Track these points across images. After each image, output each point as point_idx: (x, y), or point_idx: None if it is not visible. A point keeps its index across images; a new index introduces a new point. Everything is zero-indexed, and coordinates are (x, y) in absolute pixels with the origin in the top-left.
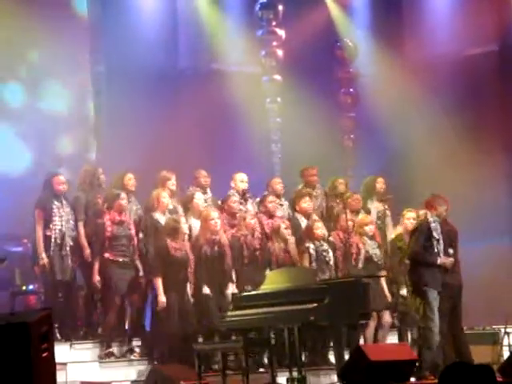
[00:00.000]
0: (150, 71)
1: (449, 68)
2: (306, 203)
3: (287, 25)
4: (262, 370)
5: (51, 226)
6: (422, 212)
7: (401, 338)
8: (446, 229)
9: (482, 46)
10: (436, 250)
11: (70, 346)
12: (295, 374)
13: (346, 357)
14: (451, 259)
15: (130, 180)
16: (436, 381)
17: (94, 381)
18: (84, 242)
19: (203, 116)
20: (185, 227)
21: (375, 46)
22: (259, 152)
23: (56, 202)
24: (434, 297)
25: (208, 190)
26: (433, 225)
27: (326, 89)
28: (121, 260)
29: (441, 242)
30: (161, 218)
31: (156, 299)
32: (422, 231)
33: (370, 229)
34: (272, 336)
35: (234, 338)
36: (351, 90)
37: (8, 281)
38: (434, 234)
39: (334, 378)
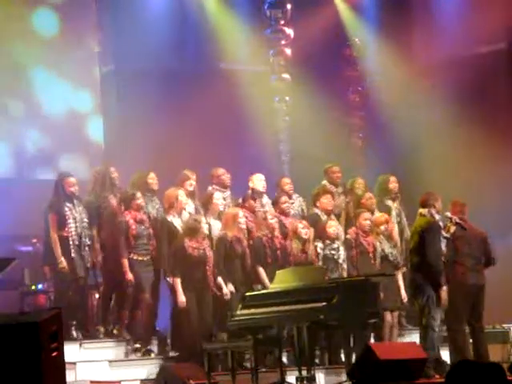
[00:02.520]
0: (159, 71)
1: (458, 66)
2: (326, 199)
3: (296, 23)
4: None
5: (67, 228)
6: (424, 211)
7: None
8: (473, 232)
9: (491, 44)
10: (443, 249)
11: (80, 345)
12: (304, 372)
13: (356, 355)
14: None
15: (153, 179)
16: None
17: (103, 380)
18: (97, 246)
19: (211, 115)
20: (205, 227)
21: (384, 45)
22: (267, 151)
23: (68, 204)
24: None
25: (228, 188)
26: (441, 223)
27: (335, 87)
28: (144, 259)
29: (444, 240)
30: (175, 220)
31: (174, 299)
32: (435, 233)
33: (385, 228)
34: (285, 335)
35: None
36: (360, 88)
37: (17, 281)
38: (443, 232)
39: (344, 376)
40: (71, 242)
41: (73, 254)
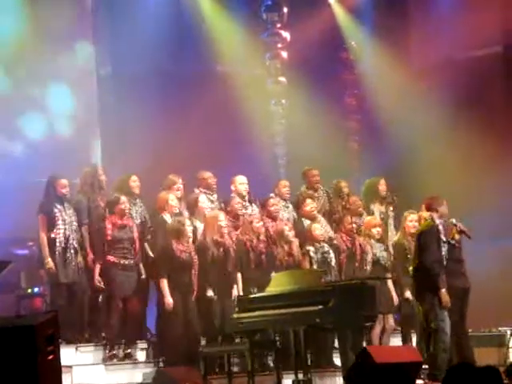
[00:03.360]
0: (156, 74)
1: (454, 69)
2: (308, 206)
3: (292, 27)
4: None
5: (55, 230)
6: (425, 214)
7: (405, 340)
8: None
9: (487, 48)
10: (443, 253)
11: (76, 348)
12: (301, 376)
13: (352, 359)
14: None
15: (135, 182)
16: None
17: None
18: (87, 246)
19: (208, 118)
20: (189, 229)
21: (380, 48)
22: (264, 154)
23: (58, 206)
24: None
25: (215, 192)
26: (440, 227)
27: (331, 91)
28: (123, 262)
29: (446, 244)
30: (169, 220)
31: (161, 301)
32: (432, 237)
33: (377, 231)
34: (277, 338)
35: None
36: (356, 91)
37: (14, 284)
38: (442, 237)
39: (340, 380)
40: (58, 244)
41: (57, 256)
